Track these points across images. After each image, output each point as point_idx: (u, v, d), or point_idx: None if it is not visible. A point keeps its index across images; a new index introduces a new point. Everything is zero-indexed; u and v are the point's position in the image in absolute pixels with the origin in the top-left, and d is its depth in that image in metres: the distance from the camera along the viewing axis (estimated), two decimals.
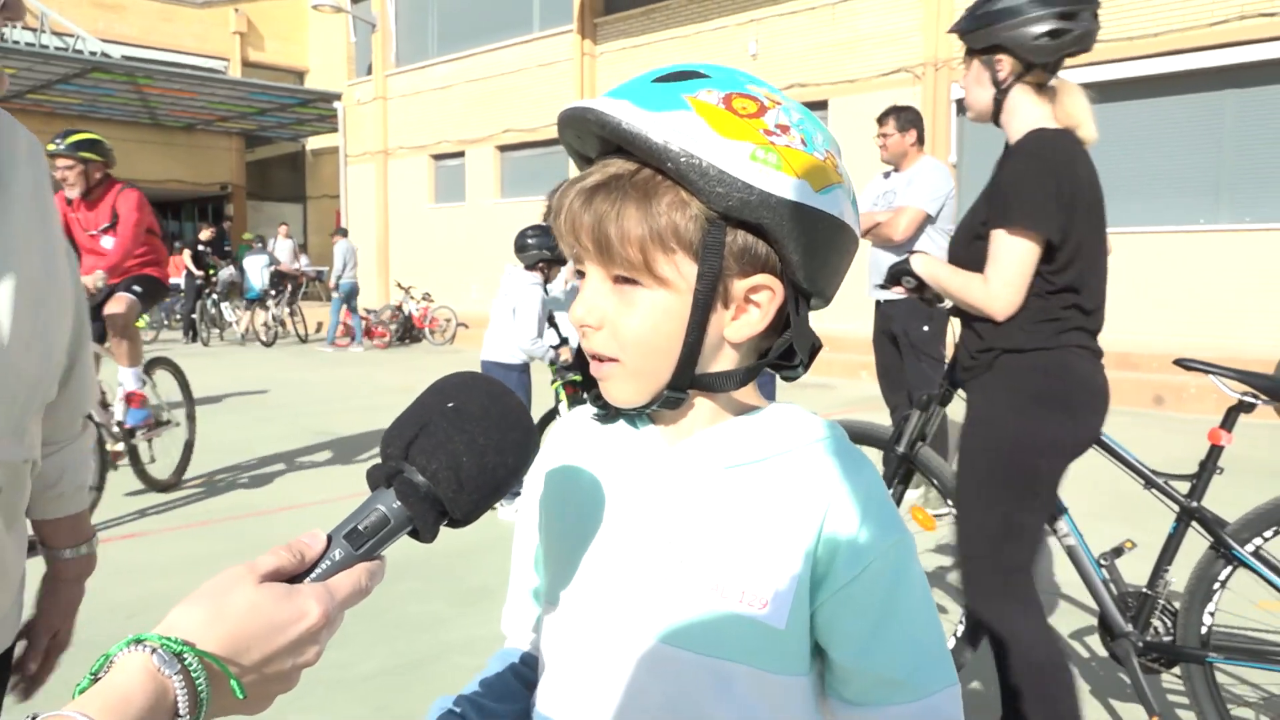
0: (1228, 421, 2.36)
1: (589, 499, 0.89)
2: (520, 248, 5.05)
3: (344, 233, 15.16)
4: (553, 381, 5.19)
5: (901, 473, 2.85)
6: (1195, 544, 2.35)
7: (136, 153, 23.66)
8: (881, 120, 5.06)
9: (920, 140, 5.06)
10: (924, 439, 2.83)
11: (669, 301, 0.80)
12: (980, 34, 2.21)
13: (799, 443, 0.84)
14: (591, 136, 0.82)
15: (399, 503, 0.67)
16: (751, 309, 0.81)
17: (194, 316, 15.58)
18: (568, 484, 0.92)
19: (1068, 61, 2.22)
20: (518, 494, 3.70)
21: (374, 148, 19.95)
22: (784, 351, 0.85)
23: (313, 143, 24.45)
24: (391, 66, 19.73)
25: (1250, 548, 2.30)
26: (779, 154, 0.77)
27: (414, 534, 0.68)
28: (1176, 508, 2.39)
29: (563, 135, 0.85)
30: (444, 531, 0.71)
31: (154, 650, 0.54)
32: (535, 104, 16.33)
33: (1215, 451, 2.37)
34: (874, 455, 2.78)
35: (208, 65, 23.20)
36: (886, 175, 5.20)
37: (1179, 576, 2.40)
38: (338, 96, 20.04)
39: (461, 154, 18.15)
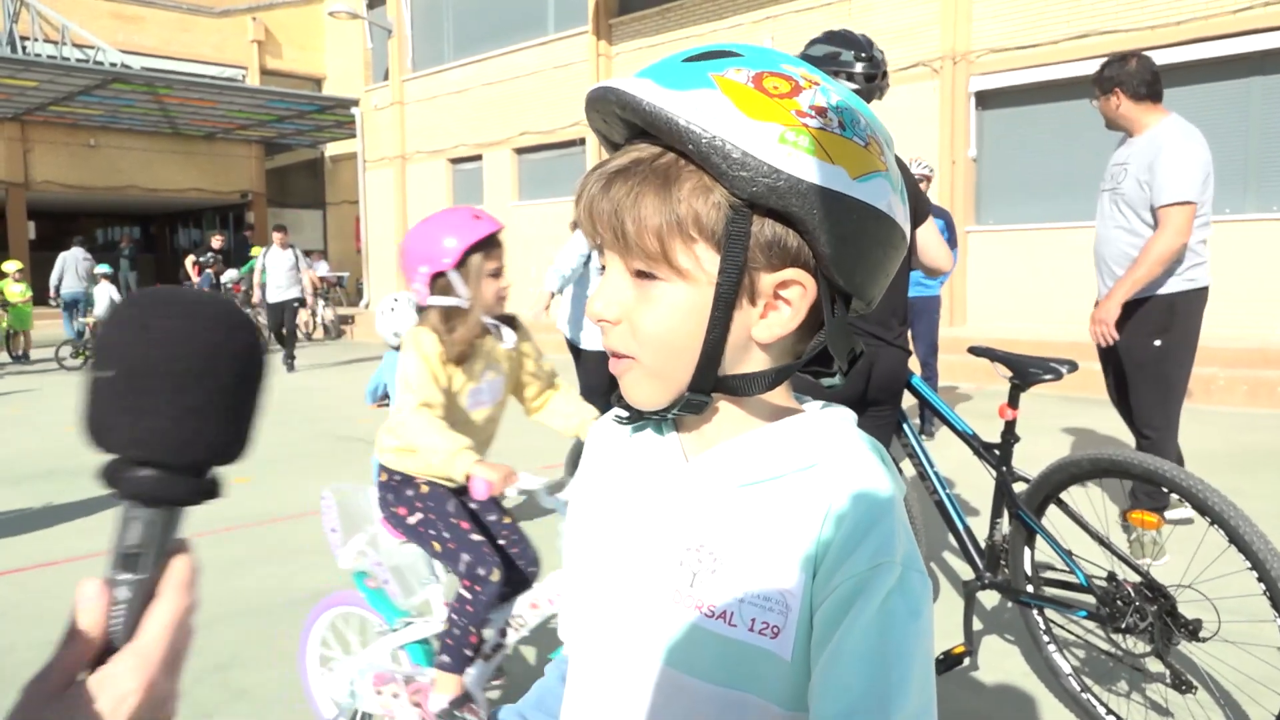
0: (1012, 399, 2.73)
1: (609, 514, 0.86)
2: None
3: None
4: None
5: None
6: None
7: (158, 162, 23.94)
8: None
9: (1150, 98, 3.93)
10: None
11: (690, 297, 0.74)
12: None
13: (821, 457, 0.77)
14: (617, 120, 0.77)
15: (138, 501, 0.55)
16: (781, 307, 0.75)
17: None
18: (593, 496, 0.89)
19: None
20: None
21: (392, 153, 20.05)
22: (820, 356, 0.80)
23: (331, 149, 24.61)
24: (408, 71, 19.82)
25: (1042, 510, 2.65)
26: (812, 137, 0.71)
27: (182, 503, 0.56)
28: (994, 472, 2.76)
29: (590, 120, 0.80)
30: None
31: None
32: (551, 106, 16.34)
33: (1009, 425, 2.72)
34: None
35: (226, 74, 23.42)
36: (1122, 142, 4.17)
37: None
38: (355, 102, 20.16)
39: (479, 157, 18.20)
